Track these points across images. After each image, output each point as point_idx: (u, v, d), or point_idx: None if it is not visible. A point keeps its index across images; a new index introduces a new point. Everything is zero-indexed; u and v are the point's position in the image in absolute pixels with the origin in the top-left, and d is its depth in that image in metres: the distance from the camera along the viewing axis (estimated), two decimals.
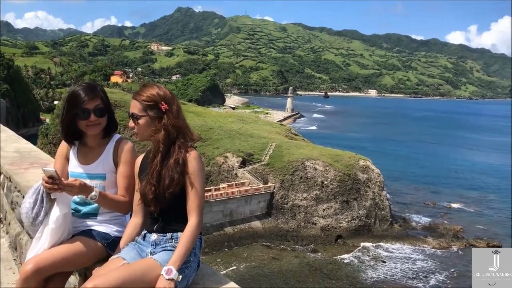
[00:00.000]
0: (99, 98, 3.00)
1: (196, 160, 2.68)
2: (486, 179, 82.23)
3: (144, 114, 2.73)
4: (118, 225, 3.12)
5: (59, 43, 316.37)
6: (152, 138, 2.77)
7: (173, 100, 2.77)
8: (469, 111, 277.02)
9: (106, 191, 3.05)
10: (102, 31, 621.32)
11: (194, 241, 2.63)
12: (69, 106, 3.01)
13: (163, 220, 2.74)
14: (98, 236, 3.00)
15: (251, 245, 46.20)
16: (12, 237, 4.38)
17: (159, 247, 2.70)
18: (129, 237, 2.88)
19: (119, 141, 3.16)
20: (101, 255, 2.95)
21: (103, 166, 3.10)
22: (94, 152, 3.14)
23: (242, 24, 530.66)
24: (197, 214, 2.64)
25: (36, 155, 5.70)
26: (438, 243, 48.89)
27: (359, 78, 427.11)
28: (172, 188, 2.62)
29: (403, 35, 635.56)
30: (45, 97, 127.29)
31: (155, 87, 2.78)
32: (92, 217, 3.11)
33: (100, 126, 3.04)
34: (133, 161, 3.05)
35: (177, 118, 2.74)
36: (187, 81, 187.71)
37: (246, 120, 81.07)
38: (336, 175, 52.05)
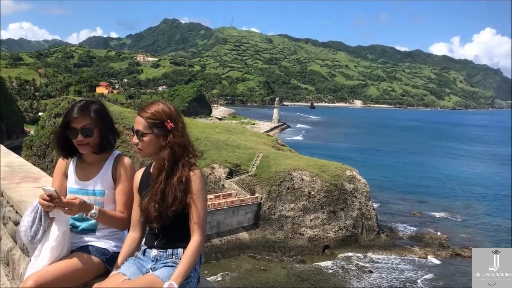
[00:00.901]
0: (88, 118, 3.00)
1: (200, 179, 2.72)
2: (471, 188, 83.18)
3: (149, 132, 2.74)
4: (117, 240, 3.13)
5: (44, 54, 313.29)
6: (155, 155, 2.77)
7: (179, 118, 2.80)
8: (453, 121, 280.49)
9: (105, 207, 3.07)
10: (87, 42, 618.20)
11: (196, 258, 2.69)
12: (61, 124, 3.06)
13: (164, 236, 2.76)
14: (97, 252, 3.02)
15: (238, 256, 45.99)
16: (4, 252, 4.35)
17: (160, 263, 2.72)
18: (128, 252, 2.89)
19: (118, 157, 3.17)
20: (100, 270, 2.97)
21: (101, 183, 3.11)
22: (93, 168, 3.15)
23: (228, 36, 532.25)
24: (200, 232, 2.70)
25: (27, 169, 5.68)
26: (424, 252, 49.24)
27: (344, 88, 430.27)
28: (175, 206, 2.65)
29: (387, 46, 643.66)
30: (30, 109, 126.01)
31: (161, 104, 2.79)
32: (90, 233, 3.13)
33: (89, 146, 3.05)
34: (132, 177, 3.05)
35: (182, 136, 2.76)
36: (174, 92, 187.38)
37: (233, 131, 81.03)
38: (323, 186, 52.22)
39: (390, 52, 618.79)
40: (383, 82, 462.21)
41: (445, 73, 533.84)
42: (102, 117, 3.08)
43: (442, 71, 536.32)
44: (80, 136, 3.00)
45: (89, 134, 3.01)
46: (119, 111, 70.34)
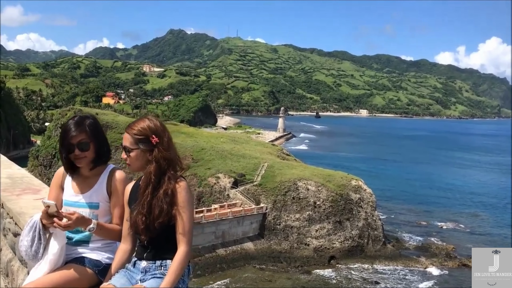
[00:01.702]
0: (83, 133, 3.10)
1: (185, 191, 2.78)
2: (477, 198, 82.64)
3: (135, 147, 2.85)
4: (109, 252, 3.19)
5: (51, 64, 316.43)
6: (143, 169, 2.86)
7: (164, 133, 2.87)
8: (459, 131, 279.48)
9: (99, 219, 3.14)
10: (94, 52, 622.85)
11: (183, 269, 2.72)
12: (60, 140, 3.17)
13: (153, 248, 2.83)
14: (90, 263, 3.08)
15: (243, 267, 45.80)
16: (4, 263, 4.39)
17: (149, 274, 2.78)
18: (119, 263, 2.96)
19: (113, 171, 3.26)
20: (93, 281, 3.03)
21: (96, 196, 3.20)
22: (88, 181, 3.24)
23: (234, 46, 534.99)
24: (186, 243, 2.74)
25: (28, 181, 5.72)
26: (431, 262, 48.84)
27: (350, 98, 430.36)
28: (161, 219, 2.72)
29: (392, 56, 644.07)
30: (36, 119, 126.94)
31: (147, 120, 2.89)
32: (84, 244, 3.19)
33: (86, 159, 3.14)
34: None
35: (168, 150, 2.84)
36: (179, 102, 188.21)
37: (238, 141, 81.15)
38: (329, 195, 52.07)
39: (395, 62, 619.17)
40: (389, 91, 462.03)
41: (451, 83, 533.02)
42: (96, 131, 3.18)
43: (448, 81, 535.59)
44: (77, 151, 3.09)
45: (85, 148, 3.11)
46: (125, 121, 70.68)
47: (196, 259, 44.07)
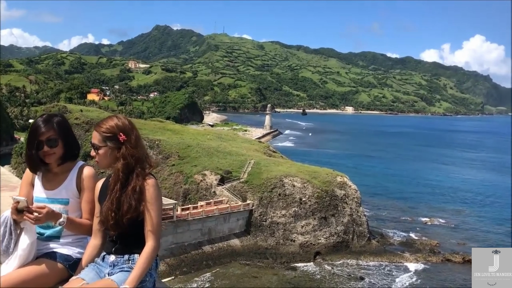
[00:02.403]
0: (51, 130, 3.16)
1: (154, 187, 2.86)
2: (461, 194, 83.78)
3: (104, 145, 2.92)
4: (80, 247, 3.25)
5: (35, 60, 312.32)
6: (112, 167, 2.94)
7: (132, 131, 2.94)
8: (444, 128, 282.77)
9: (69, 214, 3.20)
10: (79, 48, 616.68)
11: (150, 263, 2.79)
12: (29, 138, 3.23)
13: (121, 243, 2.90)
14: (60, 258, 3.13)
15: (229, 263, 45.89)
16: None
17: (117, 268, 2.86)
18: (89, 258, 3.03)
19: (82, 167, 3.32)
20: (63, 276, 3.08)
21: (66, 192, 3.26)
22: (58, 178, 3.30)
23: (220, 42, 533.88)
24: (154, 238, 2.82)
25: (6, 178, 5.71)
26: (415, 258, 49.44)
27: (336, 95, 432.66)
28: (130, 214, 2.80)
29: (378, 53, 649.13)
30: (20, 116, 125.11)
31: (115, 119, 2.98)
32: (55, 239, 3.24)
33: (54, 156, 3.20)
34: (95, 187, 3.20)
35: (135, 148, 2.91)
36: (165, 98, 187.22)
37: (224, 138, 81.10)
38: (314, 192, 52.35)
39: (381, 59, 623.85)
40: (374, 88, 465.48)
41: (436, 80, 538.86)
42: (64, 129, 3.24)
43: (433, 78, 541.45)
44: (45, 147, 3.15)
45: (54, 145, 3.17)
46: None
47: (182, 256, 44.03)
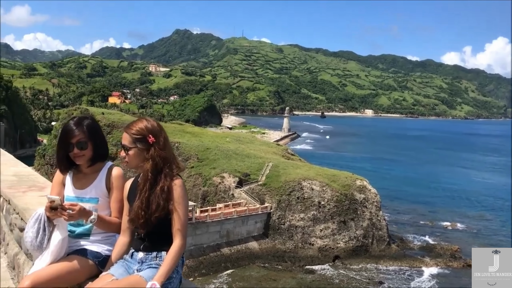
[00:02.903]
0: (81, 132, 3.32)
1: (180, 187, 2.98)
2: (482, 198, 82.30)
3: (133, 146, 3.05)
4: (109, 244, 3.39)
5: (58, 64, 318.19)
6: (141, 167, 3.06)
7: (161, 133, 3.07)
8: (465, 131, 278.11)
9: (99, 212, 3.32)
10: (100, 52, 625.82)
11: (177, 261, 2.91)
12: (60, 140, 3.39)
13: (149, 240, 3.03)
14: (91, 255, 3.28)
15: (248, 266, 45.93)
16: (10, 257, 4.56)
17: (145, 264, 2.98)
18: (118, 255, 3.16)
19: (111, 168, 3.48)
20: (93, 272, 3.22)
21: (95, 191, 3.41)
22: (88, 178, 3.45)
23: (239, 46, 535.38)
24: (181, 236, 2.94)
25: (34, 178, 5.91)
26: (436, 263, 48.74)
27: (355, 98, 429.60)
28: (158, 213, 2.92)
29: (398, 56, 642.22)
30: (43, 118, 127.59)
31: (144, 121, 3.09)
32: (85, 237, 3.40)
33: (84, 157, 3.36)
34: (123, 186, 3.35)
35: (164, 150, 3.03)
36: (185, 101, 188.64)
37: (242, 140, 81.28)
38: (333, 195, 52.08)
39: (401, 62, 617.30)
40: (394, 91, 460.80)
41: (457, 83, 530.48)
42: (94, 132, 3.39)
43: (454, 81, 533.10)
44: (75, 149, 3.31)
45: (83, 147, 3.33)
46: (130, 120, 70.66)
47: (201, 258, 44.26)
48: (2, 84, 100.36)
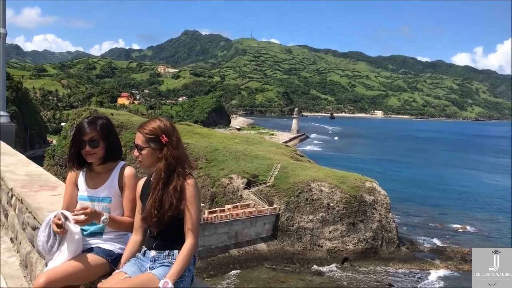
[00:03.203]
0: (94, 130, 3.35)
1: (193, 187, 3.00)
2: (493, 200, 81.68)
3: (147, 146, 3.07)
4: (121, 243, 3.41)
5: (67, 65, 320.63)
6: (153, 166, 3.08)
7: (173, 133, 3.09)
8: (476, 132, 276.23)
9: (112, 212, 3.38)
10: (109, 53, 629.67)
11: (189, 259, 2.93)
12: (73, 137, 3.43)
13: (162, 239, 3.05)
14: (103, 253, 3.29)
15: (256, 267, 45.93)
16: (23, 255, 4.59)
17: (158, 262, 3.00)
18: (130, 253, 3.18)
19: (124, 167, 3.50)
20: (106, 270, 3.24)
21: (108, 190, 3.44)
22: (101, 177, 3.48)
23: (248, 47, 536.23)
24: (193, 235, 2.97)
25: (46, 178, 5.95)
26: (446, 266, 48.44)
27: (365, 99, 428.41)
28: (171, 212, 2.94)
29: (408, 57, 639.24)
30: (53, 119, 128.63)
31: (157, 121, 3.12)
32: (97, 235, 3.41)
33: (96, 156, 3.38)
34: (136, 185, 3.36)
35: (177, 149, 3.05)
36: (193, 102, 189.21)
37: (251, 141, 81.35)
38: (342, 197, 51.93)
39: (411, 63, 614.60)
40: (404, 92, 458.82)
41: (468, 84, 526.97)
42: (107, 131, 3.43)
43: (465, 82, 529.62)
44: (87, 147, 3.34)
45: (95, 145, 3.35)
46: (139, 121, 71.25)
47: (209, 259, 44.32)
48: (12, 85, 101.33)
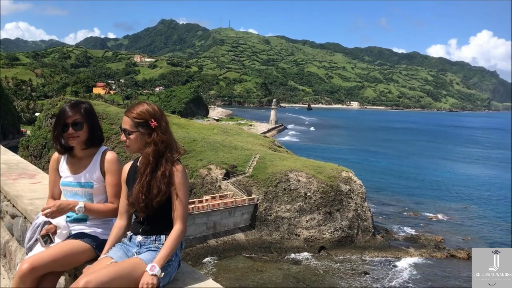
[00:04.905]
0: (78, 113, 3.32)
1: (181, 173, 2.99)
2: (467, 190, 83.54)
3: (135, 130, 3.02)
4: (106, 228, 3.41)
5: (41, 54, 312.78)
6: (141, 151, 3.05)
7: (162, 117, 3.06)
8: (450, 123, 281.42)
9: (94, 197, 3.39)
10: (84, 42, 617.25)
11: (177, 245, 2.95)
12: (56, 120, 3.39)
13: (149, 224, 3.04)
14: (88, 239, 3.30)
15: (234, 257, 46.10)
16: (1, 244, 4.54)
17: (144, 247, 3.00)
18: (115, 238, 3.16)
19: (105, 152, 3.48)
20: (90, 256, 3.25)
21: (90, 176, 3.42)
22: (82, 162, 3.46)
23: (226, 37, 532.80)
24: (182, 221, 2.97)
25: (24, 166, 5.87)
26: (420, 253, 49.43)
27: (341, 90, 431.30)
28: (159, 198, 2.92)
29: (384, 48, 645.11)
30: (26, 109, 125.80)
31: (145, 105, 3.07)
32: (82, 222, 3.42)
33: (79, 139, 3.35)
34: (118, 170, 3.35)
35: (165, 134, 3.03)
36: (171, 93, 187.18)
37: (229, 132, 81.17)
38: (319, 187, 52.41)
39: (387, 54, 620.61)
40: (380, 84, 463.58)
41: (442, 75, 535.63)
42: (90, 115, 3.41)
43: (439, 73, 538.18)
44: (71, 129, 3.31)
45: (79, 128, 3.33)
46: (115, 111, 70.45)
47: (187, 250, 44.27)
48: None
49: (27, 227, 3.85)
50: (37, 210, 3.81)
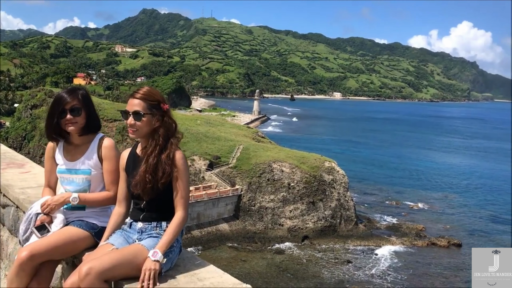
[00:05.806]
0: (76, 99, 3.29)
1: (183, 160, 3.04)
2: (447, 179, 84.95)
3: (149, 112, 2.99)
4: (105, 216, 3.40)
5: (19, 44, 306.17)
6: (147, 135, 3.02)
7: (166, 101, 3.09)
8: (431, 113, 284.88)
9: (92, 184, 3.37)
10: (64, 32, 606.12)
11: (179, 231, 3.00)
12: (52, 107, 3.33)
13: (149, 211, 3.06)
14: (87, 226, 3.29)
15: (218, 247, 46.28)
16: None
17: (145, 234, 3.02)
18: (114, 225, 3.17)
19: (102, 138, 3.46)
20: (89, 243, 3.25)
21: (87, 162, 3.40)
22: (79, 149, 3.43)
23: (208, 26, 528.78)
24: (184, 207, 3.00)
25: (11, 156, 5.82)
26: (401, 242, 50.25)
27: (324, 81, 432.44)
28: (164, 179, 2.94)
29: (366, 39, 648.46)
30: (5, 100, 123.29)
31: (151, 89, 3.08)
32: (80, 209, 3.40)
33: (77, 125, 3.32)
34: (116, 157, 3.35)
35: (171, 118, 3.08)
36: (152, 83, 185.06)
37: (213, 123, 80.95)
38: (302, 177, 52.75)
39: (369, 45, 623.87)
40: (362, 74, 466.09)
41: (423, 66, 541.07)
42: (88, 101, 3.40)
43: (420, 64, 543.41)
44: (69, 115, 3.28)
45: (77, 114, 3.30)
46: (97, 102, 69.53)
47: None
48: None
49: (19, 216, 3.83)
50: (30, 199, 3.79)
